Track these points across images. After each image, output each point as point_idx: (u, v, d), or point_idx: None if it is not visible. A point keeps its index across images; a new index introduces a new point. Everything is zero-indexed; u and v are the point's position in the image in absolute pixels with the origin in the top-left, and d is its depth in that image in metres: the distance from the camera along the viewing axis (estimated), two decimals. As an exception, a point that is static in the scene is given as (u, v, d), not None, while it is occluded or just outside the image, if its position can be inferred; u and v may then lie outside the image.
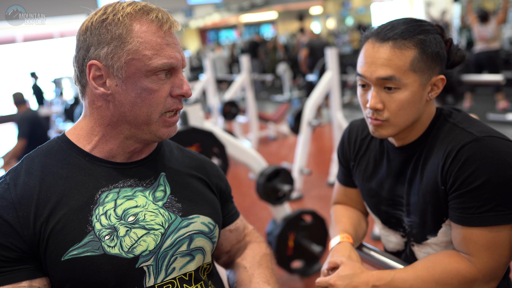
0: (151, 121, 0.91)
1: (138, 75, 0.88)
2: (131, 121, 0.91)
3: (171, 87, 0.92)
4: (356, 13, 18.15)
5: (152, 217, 0.93)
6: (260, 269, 1.10)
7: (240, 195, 4.43)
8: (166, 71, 0.91)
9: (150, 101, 0.90)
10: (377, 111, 1.05)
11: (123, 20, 0.88)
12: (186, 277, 0.95)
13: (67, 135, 0.96)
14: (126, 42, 0.87)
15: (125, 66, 0.87)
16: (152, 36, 0.88)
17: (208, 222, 1.01)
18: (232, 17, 19.19)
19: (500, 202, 0.94)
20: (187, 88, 0.93)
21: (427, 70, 1.02)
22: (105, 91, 0.89)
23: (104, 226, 0.87)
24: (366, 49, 1.05)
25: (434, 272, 1.00)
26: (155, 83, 0.89)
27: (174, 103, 0.93)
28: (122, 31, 0.87)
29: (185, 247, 0.95)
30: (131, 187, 0.95)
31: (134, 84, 0.88)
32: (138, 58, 0.87)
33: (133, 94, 0.89)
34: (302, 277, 2.81)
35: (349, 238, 1.18)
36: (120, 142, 0.94)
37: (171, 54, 0.90)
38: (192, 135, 2.04)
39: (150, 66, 0.88)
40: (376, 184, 1.20)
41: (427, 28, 1.03)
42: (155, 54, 0.88)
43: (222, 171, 1.19)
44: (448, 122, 1.07)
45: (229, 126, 7.00)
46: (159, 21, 0.89)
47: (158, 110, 0.91)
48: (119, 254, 0.86)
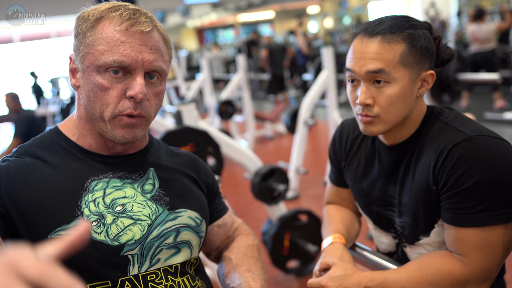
0: (104, 118, 0.90)
1: (91, 69, 0.89)
2: (92, 117, 0.93)
3: (126, 88, 0.89)
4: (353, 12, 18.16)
5: (139, 209, 0.94)
6: (244, 258, 1.10)
7: (236, 195, 4.42)
8: (121, 69, 0.88)
9: (101, 97, 0.89)
10: (367, 107, 1.04)
11: (91, 17, 0.90)
12: (171, 269, 0.95)
13: (59, 127, 0.99)
14: (86, 36, 0.90)
15: (82, 59, 0.90)
16: (110, 33, 0.88)
17: (195, 217, 1.02)
18: (229, 16, 19.17)
19: (493, 202, 0.93)
20: (138, 91, 0.88)
21: (416, 65, 1.02)
22: (75, 83, 0.94)
23: (92, 213, 0.89)
24: (355, 44, 1.05)
25: (427, 272, 0.99)
26: (107, 80, 0.88)
27: (129, 107, 0.89)
28: (86, 26, 0.90)
29: (171, 240, 0.96)
30: (120, 179, 0.96)
31: (88, 78, 0.90)
32: (91, 53, 0.89)
33: (87, 88, 0.90)
34: (298, 277, 2.80)
35: (341, 238, 1.17)
36: (97, 139, 0.96)
37: (124, 53, 0.87)
38: (186, 135, 2.03)
39: (100, 61, 0.88)
40: (368, 184, 1.19)
41: (415, 23, 1.03)
42: (108, 50, 0.87)
43: (209, 167, 1.20)
44: (439, 120, 1.06)
45: (225, 125, 6.99)
46: (120, 18, 0.89)
47: (110, 109, 0.89)
48: (104, 241, 0.88)
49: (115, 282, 0.87)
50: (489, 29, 6.46)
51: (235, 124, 6.55)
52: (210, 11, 16.53)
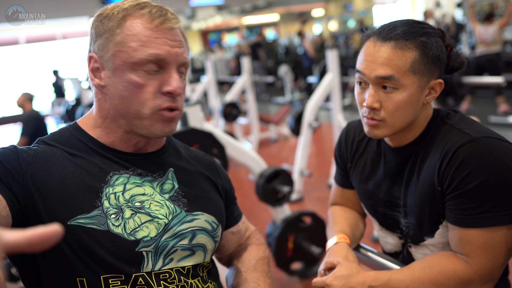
0: (142, 115, 0.91)
1: (124, 67, 0.89)
2: (124, 115, 0.92)
3: (161, 84, 0.91)
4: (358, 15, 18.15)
5: (157, 207, 0.95)
6: (254, 273, 1.10)
7: (240, 197, 4.40)
8: (156, 65, 0.89)
9: (137, 95, 0.89)
10: (373, 111, 1.04)
11: (117, 14, 0.90)
12: (183, 271, 0.95)
13: (79, 123, 0.99)
14: (115, 34, 0.89)
15: (112, 57, 0.89)
16: (141, 29, 0.88)
17: (211, 221, 1.02)
18: (234, 19, 19.20)
19: (497, 203, 0.94)
20: (176, 86, 0.90)
21: (426, 73, 1.02)
22: (99, 83, 0.92)
23: (112, 205, 0.90)
24: (367, 47, 1.05)
25: (431, 272, 1.00)
26: (142, 77, 0.89)
27: (165, 101, 0.91)
28: (113, 24, 0.89)
29: (186, 241, 0.96)
30: (140, 176, 0.97)
31: (120, 76, 0.89)
32: (124, 50, 0.88)
33: (120, 87, 0.90)
34: (302, 279, 2.80)
35: (346, 238, 1.18)
36: (121, 136, 0.96)
37: (158, 47, 0.88)
38: (191, 136, 2.04)
39: (135, 58, 0.88)
40: (373, 185, 1.20)
41: (429, 31, 1.03)
42: (141, 46, 0.88)
43: (226, 172, 1.20)
44: (445, 123, 1.07)
45: (230, 127, 7.00)
46: (151, 15, 0.90)
47: (148, 105, 0.90)
48: (121, 234, 0.88)
49: (129, 277, 0.87)
50: (494, 30, 6.46)
51: (239, 126, 6.57)
52: (215, 14, 16.56)
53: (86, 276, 0.85)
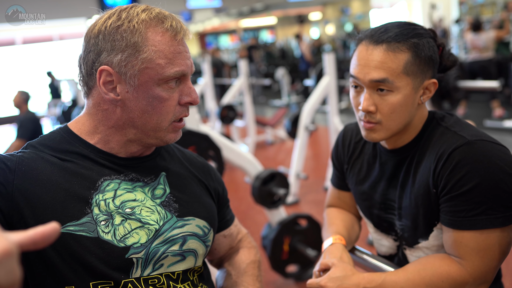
0: (160, 128, 0.93)
1: (150, 83, 0.89)
2: (139, 127, 0.93)
3: (180, 95, 0.94)
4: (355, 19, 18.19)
5: (148, 213, 0.94)
6: (244, 276, 1.11)
7: (236, 199, 4.43)
8: (178, 79, 0.92)
9: (161, 109, 0.91)
10: (369, 114, 1.05)
11: (138, 28, 0.88)
12: (173, 276, 0.95)
13: (70, 127, 0.97)
14: (141, 50, 0.88)
15: (138, 74, 0.88)
16: (166, 46, 0.89)
17: (203, 226, 1.01)
18: (232, 22, 19.22)
19: (491, 206, 0.94)
20: (196, 96, 0.95)
21: (419, 74, 1.03)
22: (114, 97, 0.90)
23: (101, 212, 0.89)
24: (359, 51, 1.06)
25: (425, 275, 1.00)
26: (166, 91, 0.91)
27: (183, 111, 0.95)
28: (137, 39, 0.87)
29: (177, 247, 0.95)
30: (132, 181, 0.96)
31: (145, 92, 0.90)
32: (152, 67, 0.88)
33: (144, 102, 0.90)
34: (297, 282, 2.80)
35: (342, 239, 1.19)
36: (122, 144, 0.96)
37: (182, 62, 0.91)
38: (188, 138, 2.04)
39: (163, 75, 0.89)
40: (369, 187, 1.20)
41: (420, 32, 1.04)
42: (168, 63, 0.89)
43: (219, 174, 1.20)
44: (440, 125, 1.08)
45: (226, 130, 7.00)
46: (173, 30, 0.90)
47: (168, 118, 0.93)
48: (111, 241, 0.88)
49: (118, 283, 0.87)
50: (488, 37, 6.52)
51: (236, 129, 6.57)
52: (212, 17, 16.56)
53: (75, 283, 0.85)
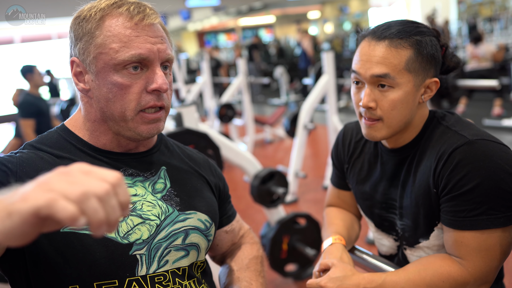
0: (126, 117, 0.89)
1: (107, 69, 0.87)
2: (110, 118, 0.90)
3: (146, 82, 0.89)
4: (354, 18, 18.20)
5: (149, 208, 0.93)
6: (246, 272, 1.10)
7: (235, 198, 4.39)
8: (139, 65, 0.87)
9: (122, 96, 0.88)
10: (369, 110, 1.05)
11: (94, 16, 0.87)
12: (179, 272, 0.94)
13: (67, 125, 0.97)
14: (95, 36, 0.87)
15: (94, 60, 0.87)
16: (120, 29, 0.86)
17: (204, 220, 1.01)
18: (230, 20, 19.21)
19: (492, 206, 0.94)
20: (161, 82, 0.88)
21: (421, 72, 1.02)
22: (84, 87, 0.91)
23: None
24: (362, 47, 1.06)
25: (426, 275, 1.00)
26: (126, 77, 0.87)
27: (151, 100, 0.89)
28: (91, 25, 0.87)
29: (180, 241, 0.95)
30: (132, 176, 0.95)
31: (104, 79, 0.88)
32: (105, 52, 0.86)
33: (105, 89, 0.88)
34: (296, 281, 2.80)
35: (342, 239, 1.18)
36: (111, 138, 0.94)
37: (140, 46, 0.86)
38: (186, 137, 2.04)
39: (117, 60, 0.86)
40: (370, 187, 1.20)
41: (423, 30, 1.04)
42: (123, 47, 0.86)
43: (220, 170, 1.19)
44: (441, 125, 1.07)
45: (225, 128, 6.99)
46: (129, 13, 0.87)
47: (132, 106, 0.88)
48: (114, 238, 0.87)
49: (123, 282, 0.86)
50: (488, 49, 6.62)
51: (234, 128, 6.56)
52: (211, 15, 16.55)
53: (79, 283, 0.84)
